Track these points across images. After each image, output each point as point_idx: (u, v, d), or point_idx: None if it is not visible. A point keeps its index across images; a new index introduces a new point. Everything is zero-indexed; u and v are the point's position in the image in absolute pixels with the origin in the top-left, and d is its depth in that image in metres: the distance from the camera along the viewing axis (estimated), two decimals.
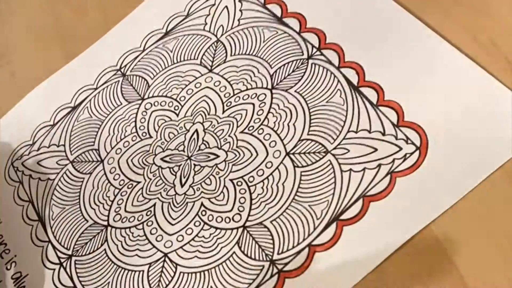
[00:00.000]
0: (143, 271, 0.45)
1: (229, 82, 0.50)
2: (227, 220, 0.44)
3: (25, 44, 0.63)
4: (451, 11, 0.45)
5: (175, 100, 0.51)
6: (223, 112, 0.48)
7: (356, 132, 0.43)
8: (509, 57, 0.42)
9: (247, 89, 0.49)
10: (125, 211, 0.48)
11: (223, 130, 0.48)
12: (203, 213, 0.45)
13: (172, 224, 0.46)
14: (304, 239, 0.41)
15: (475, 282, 0.36)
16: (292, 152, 0.44)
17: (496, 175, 0.39)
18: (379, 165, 0.41)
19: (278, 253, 0.42)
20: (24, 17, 0.65)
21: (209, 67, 0.51)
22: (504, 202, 0.38)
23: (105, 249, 0.47)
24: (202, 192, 0.46)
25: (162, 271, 0.45)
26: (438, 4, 0.46)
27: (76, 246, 0.48)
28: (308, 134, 0.45)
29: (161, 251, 0.46)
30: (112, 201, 0.49)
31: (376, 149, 0.42)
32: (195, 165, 0.47)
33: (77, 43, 0.59)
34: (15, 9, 0.65)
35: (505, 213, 0.38)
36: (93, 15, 0.61)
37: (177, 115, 0.50)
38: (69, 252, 0.48)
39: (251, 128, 0.47)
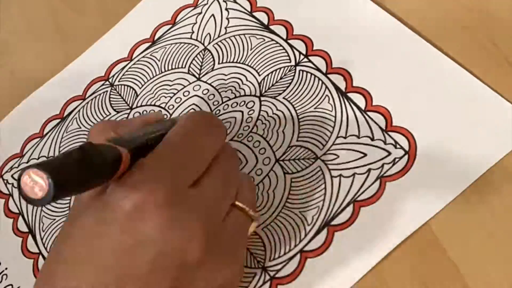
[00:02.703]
0: None
1: (217, 90, 0.50)
2: None
3: (25, 44, 0.63)
4: (452, 11, 0.45)
5: (164, 109, 0.51)
6: None
7: (345, 137, 0.43)
8: (509, 57, 0.42)
9: (235, 97, 0.49)
10: None
11: None
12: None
13: None
14: (295, 245, 0.41)
15: (475, 282, 0.36)
16: (281, 158, 0.45)
17: (496, 175, 0.39)
18: (369, 170, 0.42)
19: (269, 260, 0.42)
20: (24, 17, 0.65)
21: (197, 76, 0.52)
22: (504, 202, 0.38)
23: None
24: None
25: None
26: (438, 4, 0.46)
27: None
28: (297, 141, 0.45)
29: None
30: None
31: (365, 154, 0.42)
32: None
33: (77, 43, 0.59)
34: (15, 9, 0.65)
35: (505, 212, 0.38)
36: (93, 15, 0.61)
37: None
38: None
39: (240, 135, 0.47)
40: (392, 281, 0.38)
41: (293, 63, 0.48)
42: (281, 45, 0.50)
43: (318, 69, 0.47)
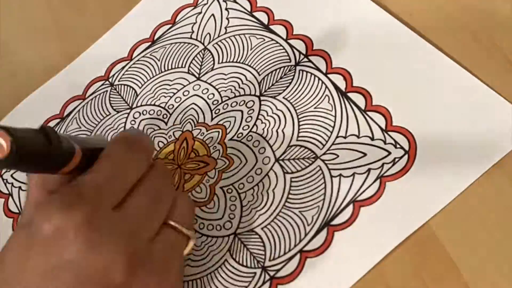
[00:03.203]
0: None
1: (217, 90, 0.50)
2: (218, 227, 0.44)
3: (25, 44, 0.63)
4: (452, 11, 0.45)
5: (164, 108, 0.51)
6: (212, 119, 0.49)
7: (345, 137, 0.43)
8: (509, 57, 0.42)
9: (235, 96, 0.49)
10: None
11: (212, 137, 0.48)
12: (194, 221, 0.45)
13: None
14: (295, 245, 0.41)
15: (475, 282, 0.37)
16: (281, 158, 0.45)
17: (496, 174, 0.39)
18: (369, 170, 0.42)
19: (269, 260, 0.42)
20: (24, 17, 0.65)
21: (197, 75, 0.52)
22: (504, 202, 0.38)
23: None
24: (192, 200, 0.46)
25: None
26: (439, 4, 0.46)
27: None
28: (297, 140, 0.45)
29: None
30: None
31: (365, 154, 0.42)
32: (185, 173, 0.47)
33: (77, 43, 0.59)
34: (15, 9, 0.65)
35: (505, 212, 0.38)
36: (93, 15, 0.61)
37: (166, 123, 0.50)
38: None
39: (240, 135, 0.47)
40: (392, 281, 0.38)
41: (293, 63, 0.48)
42: (281, 45, 0.50)
43: (318, 69, 0.47)
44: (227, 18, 0.53)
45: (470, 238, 0.38)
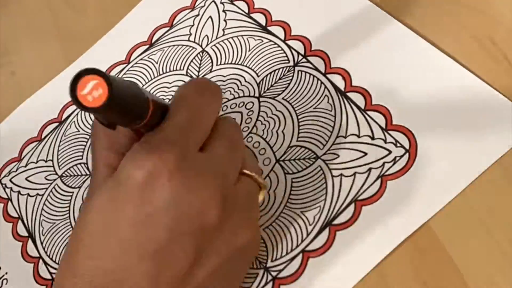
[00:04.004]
0: None
1: None
2: None
3: (25, 44, 0.63)
4: (451, 11, 0.46)
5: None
6: None
7: (345, 137, 0.43)
8: (509, 57, 0.42)
9: (234, 98, 0.49)
10: None
11: None
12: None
13: None
14: (297, 246, 0.41)
15: (475, 282, 0.37)
16: (282, 159, 0.45)
17: (495, 174, 0.39)
18: (370, 169, 0.42)
19: (271, 260, 0.42)
20: (24, 17, 0.65)
21: (196, 77, 0.51)
22: (504, 202, 0.38)
23: None
24: None
25: None
26: (439, 4, 0.46)
27: None
28: (297, 141, 0.45)
29: None
30: None
31: (365, 153, 0.42)
32: None
33: (77, 43, 0.59)
34: (15, 9, 0.65)
35: (505, 212, 0.38)
36: (93, 15, 0.61)
37: None
38: None
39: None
40: (393, 281, 0.38)
41: (291, 63, 0.48)
42: (279, 46, 0.50)
43: (316, 69, 0.47)
44: (225, 20, 0.53)
45: (470, 238, 0.38)
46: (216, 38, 0.53)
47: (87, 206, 0.35)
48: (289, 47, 0.49)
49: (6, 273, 0.50)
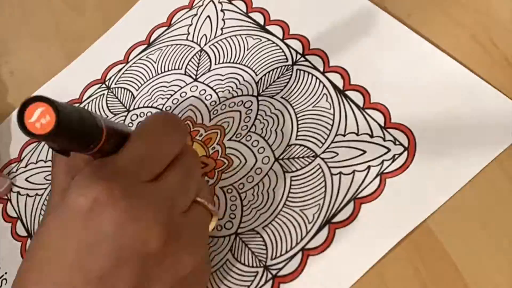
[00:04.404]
0: None
1: (214, 91, 0.50)
2: (219, 228, 0.44)
3: (25, 44, 0.63)
4: (451, 11, 0.46)
5: (161, 110, 0.51)
6: (210, 120, 0.49)
7: (344, 135, 0.44)
8: (509, 57, 0.42)
9: (233, 97, 0.49)
10: None
11: (211, 138, 0.48)
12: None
13: None
14: (297, 244, 0.41)
15: (475, 282, 0.37)
16: (281, 157, 0.45)
17: (495, 174, 0.39)
18: (369, 167, 0.42)
19: (271, 259, 0.42)
20: (24, 17, 0.65)
21: (194, 76, 0.52)
22: (504, 201, 0.38)
23: None
24: None
25: None
26: (438, 4, 0.46)
27: None
28: (296, 139, 0.45)
29: None
30: None
31: (364, 151, 0.42)
32: None
33: (77, 43, 0.59)
34: (15, 9, 0.65)
35: (505, 212, 0.38)
36: (93, 15, 0.61)
37: None
38: None
39: (238, 135, 0.47)
40: (391, 279, 0.38)
41: (290, 62, 0.48)
42: (277, 45, 0.50)
43: (315, 68, 0.47)
44: (223, 19, 0.54)
45: (470, 238, 0.38)
46: (215, 37, 0.53)
47: (38, 231, 0.36)
48: (288, 46, 0.49)
49: (6, 273, 0.50)
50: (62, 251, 0.34)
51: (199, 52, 0.53)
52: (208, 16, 0.54)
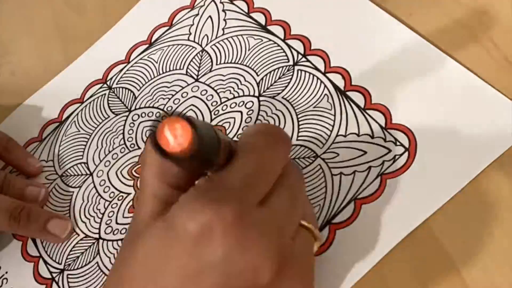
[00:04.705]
0: None
1: (216, 91, 0.50)
2: None
3: (25, 44, 0.63)
4: (451, 11, 0.46)
5: (162, 110, 0.51)
6: (211, 120, 0.49)
7: (344, 136, 0.44)
8: (509, 57, 0.42)
9: (234, 97, 0.49)
10: (116, 223, 0.48)
11: None
12: None
13: None
14: None
15: (475, 281, 0.37)
16: None
17: (495, 174, 0.39)
18: (369, 168, 0.42)
19: None
20: (24, 17, 0.65)
21: (195, 77, 0.52)
22: (504, 201, 0.38)
23: (97, 262, 0.47)
24: None
25: None
26: (438, 4, 0.46)
27: (68, 260, 0.48)
28: (297, 140, 0.45)
29: None
30: (103, 214, 0.49)
31: (365, 152, 0.42)
32: None
33: (77, 43, 0.59)
34: (15, 9, 0.65)
35: (505, 212, 0.38)
36: (93, 15, 0.61)
37: None
38: (61, 267, 0.48)
39: (240, 136, 0.47)
40: (392, 279, 0.38)
41: (291, 62, 0.48)
42: (279, 45, 0.50)
43: (316, 69, 0.47)
44: (224, 20, 0.54)
45: (470, 238, 0.38)
46: (216, 37, 0.53)
47: (133, 243, 0.33)
48: (289, 46, 0.49)
49: (6, 272, 0.50)
50: (162, 273, 0.32)
51: (200, 52, 0.53)
52: (210, 16, 0.54)
